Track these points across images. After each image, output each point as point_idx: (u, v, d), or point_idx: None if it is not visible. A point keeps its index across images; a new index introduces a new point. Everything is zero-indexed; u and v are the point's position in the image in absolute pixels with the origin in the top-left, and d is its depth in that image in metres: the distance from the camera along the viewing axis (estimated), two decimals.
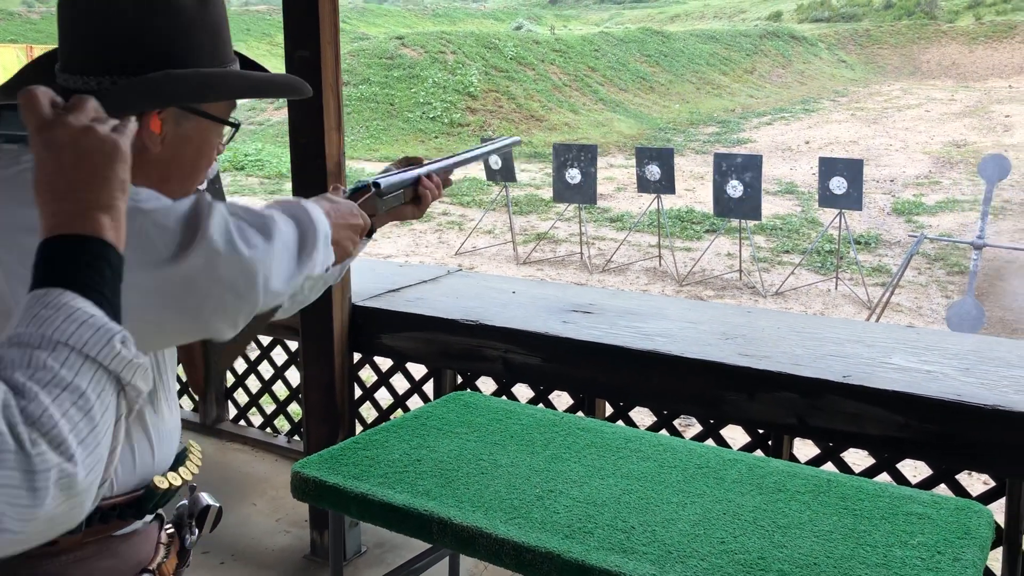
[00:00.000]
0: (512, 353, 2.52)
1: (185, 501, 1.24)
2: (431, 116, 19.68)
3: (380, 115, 19.62)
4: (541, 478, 1.90)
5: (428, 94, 20.36)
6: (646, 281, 9.34)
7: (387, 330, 2.74)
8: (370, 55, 21.95)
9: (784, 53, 32.15)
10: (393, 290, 2.90)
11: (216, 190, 4.00)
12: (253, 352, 3.65)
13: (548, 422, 2.21)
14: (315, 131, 2.54)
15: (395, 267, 3.45)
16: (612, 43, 27.30)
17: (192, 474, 1.16)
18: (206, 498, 1.21)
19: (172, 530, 1.20)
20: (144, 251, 0.90)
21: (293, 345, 3.31)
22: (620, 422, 2.61)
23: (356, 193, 1.31)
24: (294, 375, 3.25)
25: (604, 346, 2.35)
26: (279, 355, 3.62)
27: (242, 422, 3.70)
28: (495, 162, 10.15)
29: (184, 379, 1.23)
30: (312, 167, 2.58)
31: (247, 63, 1.17)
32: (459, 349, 2.62)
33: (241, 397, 3.76)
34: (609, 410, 2.68)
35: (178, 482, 1.12)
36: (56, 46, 1.08)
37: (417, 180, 1.40)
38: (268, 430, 3.64)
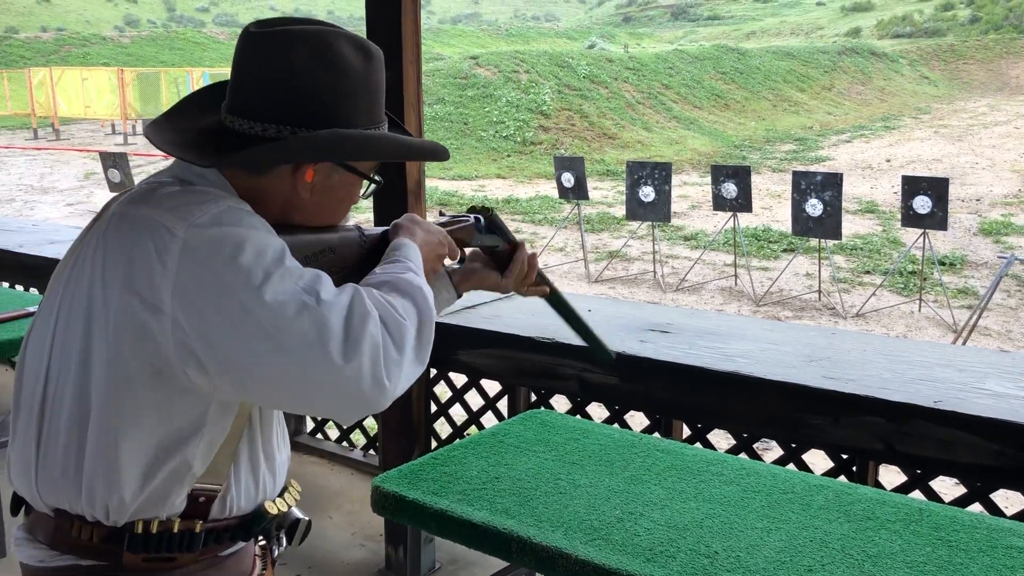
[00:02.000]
0: (588, 372, 2.50)
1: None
2: (504, 135, 19.82)
3: (454, 134, 19.84)
4: (621, 499, 1.88)
5: (501, 113, 20.52)
6: (721, 301, 9.20)
7: (464, 346, 2.75)
8: (445, 75, 22.24)
9: (864, 70, 31.48)
10: (470, 307, 2.91)
11: None
12: None
13: (626, 443, 2.19)
14: None
15: None
16: (686, 60, 27.12)
17: (295, 500, 1.25)
18: (296, 512, 1.24)
19: (264, 542, 1.24)
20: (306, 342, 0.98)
21: None
22: (698, 444, 2.56)
23: (456, 220, 1.34)
24: None
25: (684, 367, 2.31)
26: None
27: (319, 435, 3.75)
28: (567, 180, 10.15)
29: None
30: (392, 185, 2.62)
31: (392, 123, 1.23)
32: (535, 367, 2.61)
33: None
34: (686, 432, 2.64)
35: (285, 508, 1.20)
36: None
37: (519, 245, 1.41)
38: (344, 443, 3.68)
